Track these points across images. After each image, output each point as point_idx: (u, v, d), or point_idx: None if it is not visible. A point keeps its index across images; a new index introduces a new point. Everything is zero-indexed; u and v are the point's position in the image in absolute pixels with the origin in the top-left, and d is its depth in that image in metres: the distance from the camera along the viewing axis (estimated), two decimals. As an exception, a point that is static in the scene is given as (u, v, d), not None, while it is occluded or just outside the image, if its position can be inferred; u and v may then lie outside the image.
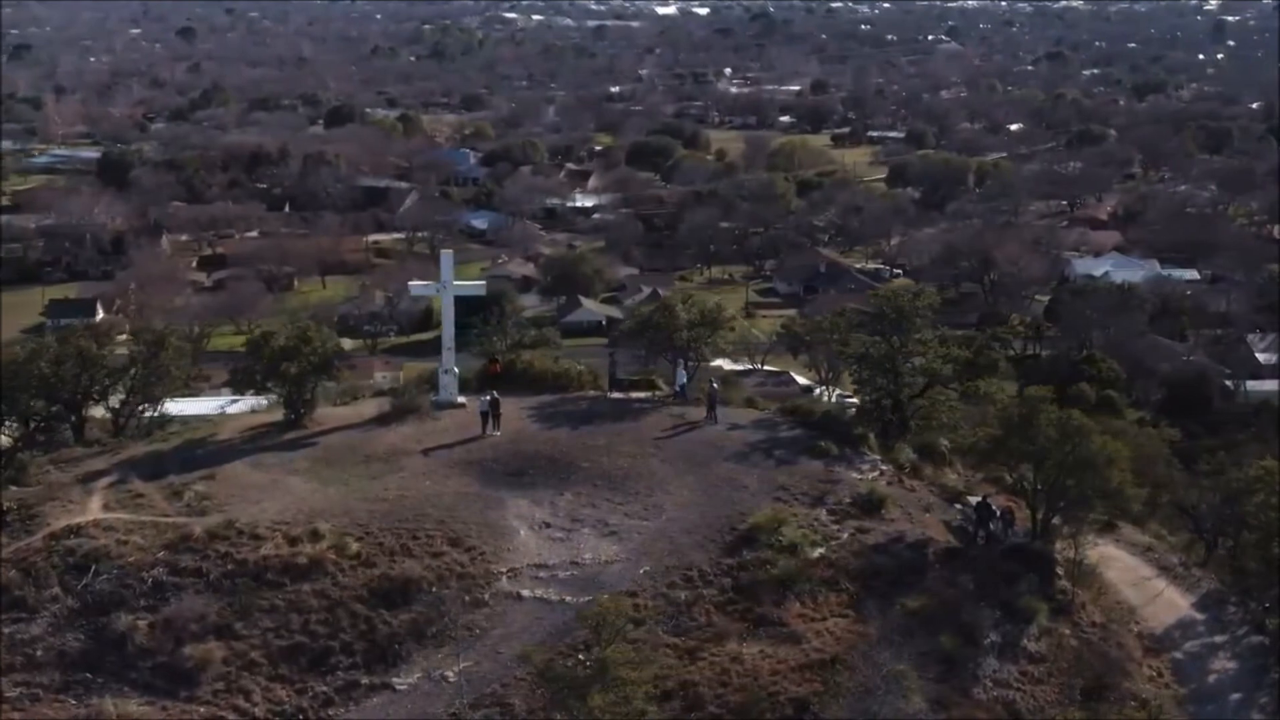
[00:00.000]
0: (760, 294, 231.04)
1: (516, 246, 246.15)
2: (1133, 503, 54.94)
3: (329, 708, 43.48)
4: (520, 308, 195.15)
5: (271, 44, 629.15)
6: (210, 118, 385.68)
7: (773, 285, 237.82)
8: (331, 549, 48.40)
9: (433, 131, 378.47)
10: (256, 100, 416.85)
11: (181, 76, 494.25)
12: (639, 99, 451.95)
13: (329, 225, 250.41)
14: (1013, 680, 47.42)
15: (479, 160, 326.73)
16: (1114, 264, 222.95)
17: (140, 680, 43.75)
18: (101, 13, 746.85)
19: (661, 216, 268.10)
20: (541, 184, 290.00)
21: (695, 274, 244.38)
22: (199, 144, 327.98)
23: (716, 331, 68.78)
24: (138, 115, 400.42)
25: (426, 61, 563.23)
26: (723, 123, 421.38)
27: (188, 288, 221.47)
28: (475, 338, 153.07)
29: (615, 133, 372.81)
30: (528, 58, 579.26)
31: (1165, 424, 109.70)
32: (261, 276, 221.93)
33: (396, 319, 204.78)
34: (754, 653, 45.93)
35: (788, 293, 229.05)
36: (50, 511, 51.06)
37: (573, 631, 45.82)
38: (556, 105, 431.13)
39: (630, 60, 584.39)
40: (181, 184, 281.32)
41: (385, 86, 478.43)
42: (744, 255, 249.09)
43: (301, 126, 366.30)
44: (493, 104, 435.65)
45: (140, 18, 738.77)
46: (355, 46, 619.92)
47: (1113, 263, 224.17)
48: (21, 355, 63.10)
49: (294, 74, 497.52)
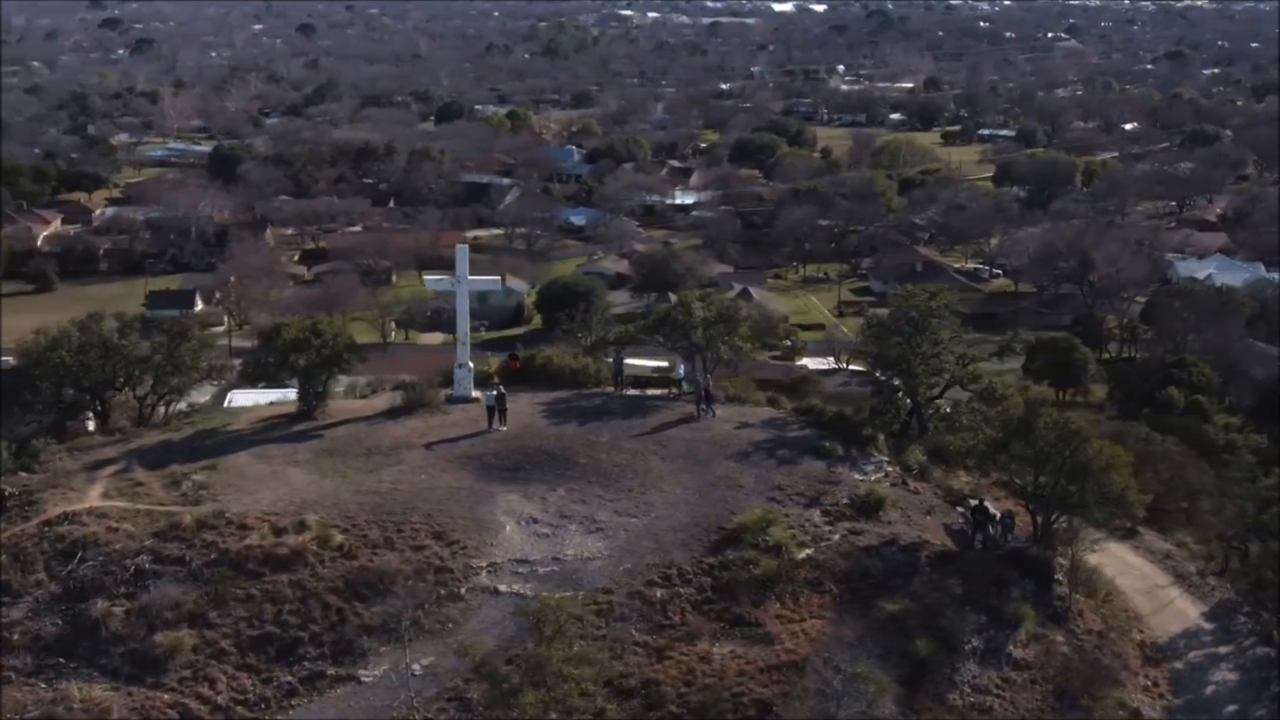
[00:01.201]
0: (855, 293, 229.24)
1: (612, 243, 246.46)
2: (1135, 508, 53.58)
3: (292, 698, 43.87)
4: (609, 304, 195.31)
5: (389, 40, 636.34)
6: (323, 113, 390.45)
7: (868, 284, 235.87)
8: (314, 540, 48.82)
9: (540, 128, 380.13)
10: (370, 96, 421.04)
11: (298, 72, 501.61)
12: (748, 96, 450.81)
13: (430, 220, 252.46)
14: (993, 686, 46.65)
15: (583, 157, 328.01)
16: (1217, 266, 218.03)
17: (110, 666, 44.47)
18: (225, 9, 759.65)
19: (760, 214, 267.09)
20: (642, 181, 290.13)
21: (789, 272, 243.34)
22: (310, 139, 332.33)
23: (735, 331, 68.12)
24: (253, 110, 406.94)
25: (539, 58, 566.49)
26: (832, 120, 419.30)
27: (287, 281, 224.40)
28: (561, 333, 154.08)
29: (722, 130, 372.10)
30: (640, 55, 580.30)
31: (1253, 430, 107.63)
32: (360, 270, 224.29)
33: (487, 314, 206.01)
34: (724, 653, 45.63)
35: (882, 291, 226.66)
36: (50, 498, 52.11)
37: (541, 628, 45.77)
38: (665, 102, 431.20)
39: (742, 57, 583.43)
40: (289, 178, 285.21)
41: (498, 83, 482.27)
42: (841, 253, 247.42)
43: (412, 123, 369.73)
44: (602, 101, 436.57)
45: (263, 14, 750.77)
46: (471, 44, 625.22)
47: (1216, 265, 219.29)
48: (42, 343, 64.30)
49: (408, 70, 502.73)
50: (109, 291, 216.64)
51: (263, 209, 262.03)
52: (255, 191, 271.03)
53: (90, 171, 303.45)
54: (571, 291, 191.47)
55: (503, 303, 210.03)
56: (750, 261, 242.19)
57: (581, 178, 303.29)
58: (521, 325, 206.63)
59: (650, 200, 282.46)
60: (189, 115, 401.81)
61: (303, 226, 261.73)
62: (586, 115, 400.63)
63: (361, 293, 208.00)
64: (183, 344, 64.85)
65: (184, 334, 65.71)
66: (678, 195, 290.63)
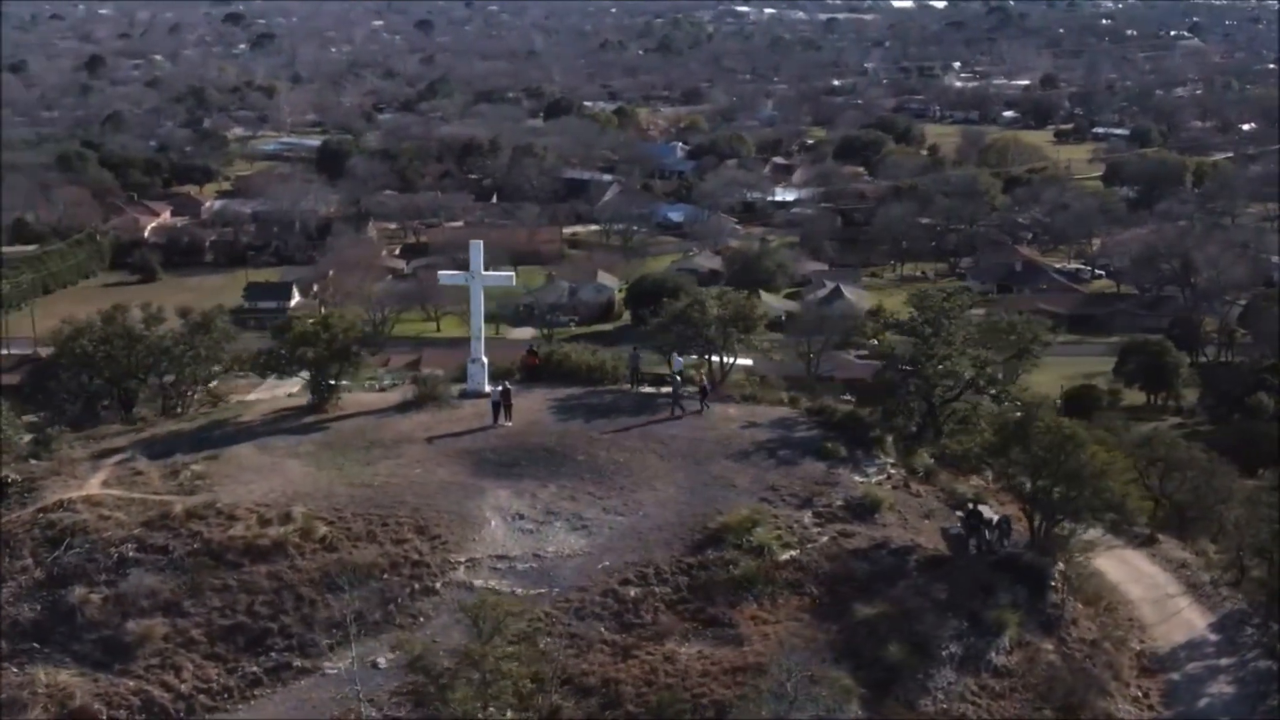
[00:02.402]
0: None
1: (708, 240, 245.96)
2: (1136, 515, 52.42)
3: (256, 688, 44.20)
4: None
5: (505, 37, 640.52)
6: (435, 109, 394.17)
7: (966, 284, 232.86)
8: (297, 532, 49.14)
9: (647, 125, 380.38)
10: (482, 92, 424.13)
11: (414, 68, 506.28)
12: (859, 93, 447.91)
13: (530, 216, 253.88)
14: (968, 694, 45.88)
15: (686, 153, 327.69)
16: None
17: (82, 652, 45.07)
18: (347, 5, 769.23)
19: (860, 211, 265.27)
20: (742, 178, 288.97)
21: (886, 270, 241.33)
22: (418, 134, 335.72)
23: (751, 330, 67.57)
24: (366, 105, 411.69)
25: (653, 55, 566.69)
26: (943, 117, 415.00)
27: (385, 274, 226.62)
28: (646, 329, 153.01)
29: (830, 127, 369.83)
30: (754, 51, 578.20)
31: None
32: (456, 265, 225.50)
33: (577, 309, 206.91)
34: (691, 653, 45.30)
35: (980, 291, 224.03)
36: (51, 485, 53.08)
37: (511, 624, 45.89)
38: (774, 99, 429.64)
39: (857, 54, 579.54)
40: (395, 173, 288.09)
41: (610, 80, 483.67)
42: (940, 252, 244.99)
43: (521, 119, 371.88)
44: (712, 97, 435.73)
45: (384, 10, 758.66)
46: (586, 40, 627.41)
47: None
48: (65, 333, 65.56)
49: (522, 67, 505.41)
50: (211, 283, 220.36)
51: (367, 203, 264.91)
52: (361, 186, 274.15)
53: (201, 165, 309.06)
54: (661, 288, 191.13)
55: (593, 298, 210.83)
56: (847, 259, 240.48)
57: (684, 174, 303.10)
58: (610, 321, 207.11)
59: (750, 197, 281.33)
60: (304, 110, 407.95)
61: (405, 221, 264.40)
62: (695, 112, 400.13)
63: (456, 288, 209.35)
64: (205, 334, 65.84)
65: (206, 325, 66.68)
66: (778, 192, 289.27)
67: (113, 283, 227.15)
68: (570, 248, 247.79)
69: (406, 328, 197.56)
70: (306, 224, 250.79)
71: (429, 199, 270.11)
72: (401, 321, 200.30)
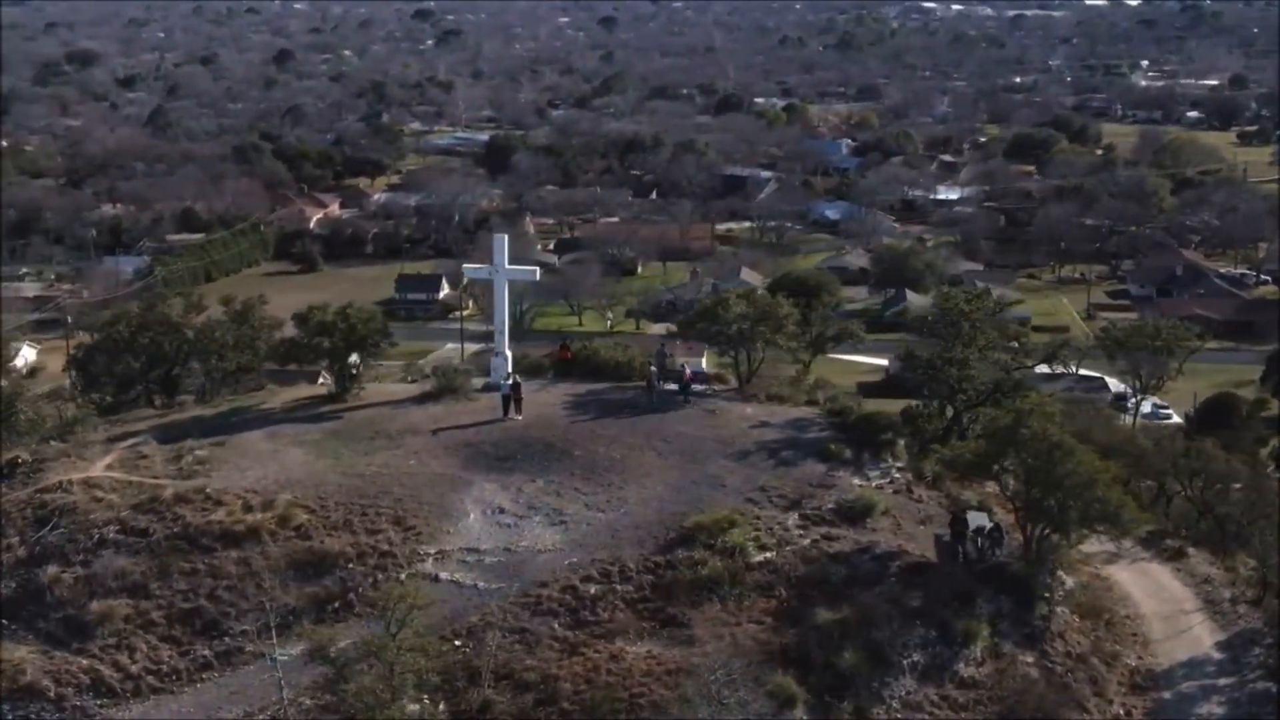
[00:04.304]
0: (1110, 295, 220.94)
1: (862, 238, 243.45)
2: (1132, 526, 50.35)
3: (205, 671, 44.83)
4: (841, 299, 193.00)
5: (686, 34, 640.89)
6: (607, 105, 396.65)
7: (1125, 287, 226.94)
8: (275, 519, 49.79)
9: (818, 121, 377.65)
10: (656, 89, 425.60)
11: (593, 64, 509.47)
12: (1039, 90, 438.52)
13: (686, 212, 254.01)
14: (927, 704, 44.57)
15: (851, 150, 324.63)
16: None
17: (46, 630, 46.22)
18: (534, 2, 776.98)
19: (1024, 211, 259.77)
20: (905, 175, 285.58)
21: (1045, 271, 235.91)
22: (586, 130, 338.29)
23: (781, 329, 66.43)
24: (541, 101, 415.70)
25: (832, 51, 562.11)
26: (1125, 116, 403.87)
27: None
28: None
29: (1004, 124, 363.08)
30: (936, 48, 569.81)
31: None
32: (606, 260, 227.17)
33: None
34: (639, 652, 44.74)
35: (1140, 295, 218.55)
36: (57, 467, 54.55)
37: (465, 616, 45.98)
38: (951, 95, 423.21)
39: (1042, 51, 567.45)
40: (557, 169, 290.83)
41: (785, 76, 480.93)
42: (1102, 254, 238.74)
43: (690, 115, 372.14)
44: (887, 94, 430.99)
45: (570, 7, 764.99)
46: (767, 37, 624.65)
47: None
48: (104, 319, 67.31)
49: (699, 63, 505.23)
50: (368, 274, 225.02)
51: (527, 198, 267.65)
52: (523, 181, 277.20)
53: (373, 158, 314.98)
54: (802, 286, 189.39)
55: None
56: (1004, 260, 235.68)
57: (846, 171, 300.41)
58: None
59: (911, 195, 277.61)
60: (480, 105, 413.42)
61: (562, 216, 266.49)
62: (868, 108, 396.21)
63: (601, 281, 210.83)
64: (244, 324, 67.10)
65: (246, 314, 67.94)
66: (941, 190, 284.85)
67: (274, 272, 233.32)
68: (721, 244, 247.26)
69: (549, 321, 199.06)
70: (465, 218, 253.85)
71: (587, 194, 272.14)
72: (544, 315, 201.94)
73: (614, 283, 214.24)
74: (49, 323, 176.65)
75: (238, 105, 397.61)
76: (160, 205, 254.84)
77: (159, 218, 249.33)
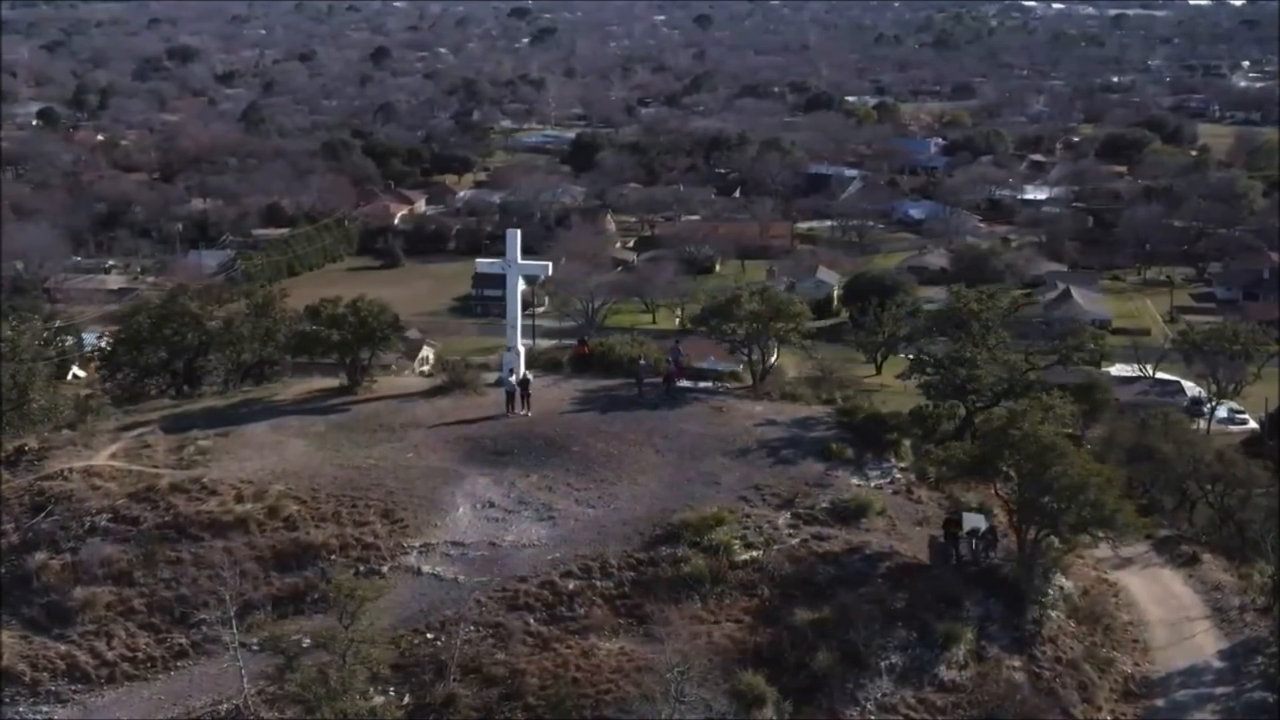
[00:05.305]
0: (1195, 298, 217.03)
1: (945, 237, 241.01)
2: (1127, 530, 49.17)
3: (180, 659, 45.01)
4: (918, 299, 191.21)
5: (782, 32, 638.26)
6: (697, 103, 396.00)
7: (1211, 289, 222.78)
8: (264, 510, 49.96)
9: (910, 120, 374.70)
10: (747, 87, 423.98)
11: (685, 62, 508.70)
12: (1137, 90, 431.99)
13: (767, 210, 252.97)
14: (903, 706, 43.76)
15: (940, 149, 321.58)
16: None
17: (29, 615, 46.63)
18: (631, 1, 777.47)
19: (1112, 212, 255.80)
20: (993, 174, 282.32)
21: (1130, 273, 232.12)
22: (674, 129, 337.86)
23: (795, 326, 65.67)
24: (631, 99, 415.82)
25: (928, 49, 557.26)
26: (1223, 117, 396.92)
27: (610, 266, 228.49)
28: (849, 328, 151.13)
29: (1099, 124, 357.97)
30: (1034, 47, 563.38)
31: None
32: (685, 258, 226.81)
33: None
34: (611, 649, 44.36)
35: (1226, 298, 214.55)
36: (62, 455, 55.15)
37: (441, 610, 45.89)
38: (1046, 94, 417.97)
39: (1141, 50, 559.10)
40: (642, 167, 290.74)
41: (880, 74, 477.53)
42: (1189, 256, 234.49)
43: (779, 113, 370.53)
44: (982, 92, 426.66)
45: (666, 4, 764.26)
46: (863, 35, 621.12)
47: None
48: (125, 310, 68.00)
49: (791, 61, 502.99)
50: (448, 270, 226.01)
51: (610, 196, 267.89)
52: (606, 178, 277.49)
53: (461, 156, 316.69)
54: (879, 285, 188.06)
55: (812, 293, 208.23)
56: (1089, 261, 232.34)
57: (934, 170, 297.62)
58: (828, 317, 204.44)
59: (997, 194, 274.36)
60: (570, 103, 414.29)
61: (643, 214, 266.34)
62: (960, 107, 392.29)
63: (676, 279, 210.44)
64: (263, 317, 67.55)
65: (267, 307, 68.39)
66: (1029, 190, 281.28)
67: (357, 267, 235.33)
68: (801, 243, 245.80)
69: (622, 318, 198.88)
70: (547, 215, 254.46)
71: (669, 192, 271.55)
72: (618, 312, 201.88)
73: (689, 281, 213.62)
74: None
75: (332, 102, 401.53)
76: (248, 200, 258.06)
77: (245, 213, 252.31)
